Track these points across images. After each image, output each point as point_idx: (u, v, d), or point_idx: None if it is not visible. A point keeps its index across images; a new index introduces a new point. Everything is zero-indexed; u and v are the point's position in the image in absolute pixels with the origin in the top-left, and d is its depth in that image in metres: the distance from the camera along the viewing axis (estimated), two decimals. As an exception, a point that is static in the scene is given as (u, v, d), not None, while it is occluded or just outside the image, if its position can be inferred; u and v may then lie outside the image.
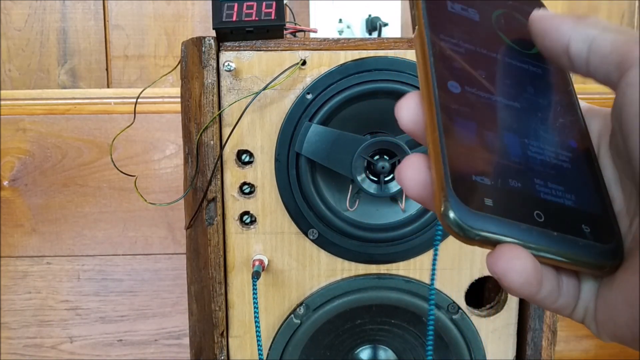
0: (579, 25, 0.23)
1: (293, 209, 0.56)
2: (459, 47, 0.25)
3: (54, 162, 0.93)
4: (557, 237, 0.21)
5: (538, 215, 0.21)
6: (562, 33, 0.23)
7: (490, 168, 0.21)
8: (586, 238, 0.21)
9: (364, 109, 0.54)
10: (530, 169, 0.22)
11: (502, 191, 0.21)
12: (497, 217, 0.20)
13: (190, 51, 0.53)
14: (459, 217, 0.20)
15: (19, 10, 0.92)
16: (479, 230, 0.20)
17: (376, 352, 0.62)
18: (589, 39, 0.22)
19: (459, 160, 0.21)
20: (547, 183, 0.22)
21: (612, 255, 0.21)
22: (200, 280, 0.57)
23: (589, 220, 0.22)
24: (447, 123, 0.21)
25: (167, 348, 0.99)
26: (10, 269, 0.96)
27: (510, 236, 0.20)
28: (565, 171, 0.23)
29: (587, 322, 0.23)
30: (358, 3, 0.77)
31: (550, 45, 0.24)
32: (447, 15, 0.26)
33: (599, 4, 0.98)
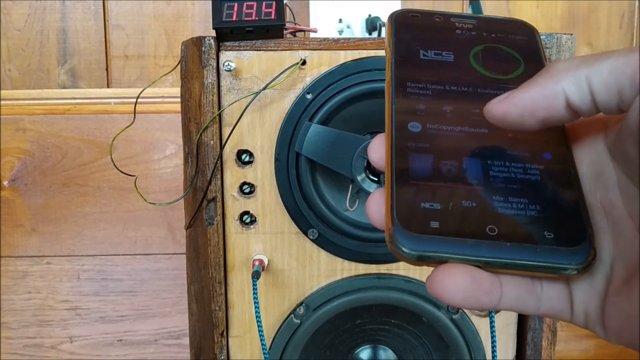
0: (561, 74, 0.22)
1: (293, 209, 0.56)
2: (426, 89, 0.26)
3: (54, 162, 0.93)
4: (509, 247, 0.21)
5: (491, 230, 0.21)
6: (552, 94, 0.22)
7: (438, 194, 0.22)
8: (547, 244, 0.21)
9: (364, 108, 0.54)
10: (489, 188, 0.23)
11: (450, 213, 0.22)
12: (443, 237, 0.21)
13: (190, 51, 0.53)
14: (401, 241, 0.21)
15: (19, 10, 0.92)
16: (422, 252, 0.21)
17: (376, 352, 0.62)
18: (584, 80, 0.21)
19: (405, 190, 0.23)
20: (507, 199, 0.23)
21: (579, 258, 0.21)
22: (200, 280, 0.57)
23: (553, 226, 0.22)
24: (400, 159, 0.24)
25: (167, 348, 0.99)
26: (10, 268, 0.96)
27: (453, 253, 0.21)
28: (530, 184, 0.23)
29: (591, 327, 0.23)
30: (358, 3, 0.77)
31: (545, 115, 0.22)
32: (417, 62, 0.28)
33: (599, 4, 0.98)
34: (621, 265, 0.22)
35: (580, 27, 0.99)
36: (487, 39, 0.29)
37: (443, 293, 0.21)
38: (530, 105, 0.22)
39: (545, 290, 0.22)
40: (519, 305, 0.22)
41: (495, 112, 0.23)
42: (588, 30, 0.99)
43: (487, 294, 0.21)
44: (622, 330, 0.21)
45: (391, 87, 0.26)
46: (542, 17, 0.98)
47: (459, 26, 0.29)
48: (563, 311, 0.23)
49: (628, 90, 0.20)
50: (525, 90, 0.22)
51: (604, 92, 0.21)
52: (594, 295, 0.22)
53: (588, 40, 0.99)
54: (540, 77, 0.22)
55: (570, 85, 0.21)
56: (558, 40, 0.53)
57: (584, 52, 0.99)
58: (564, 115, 0.22)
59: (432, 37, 0.29)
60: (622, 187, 0.22)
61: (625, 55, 0.21)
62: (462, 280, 0.21)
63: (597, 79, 0.21)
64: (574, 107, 0.22)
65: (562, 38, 0.53)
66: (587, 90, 0.21)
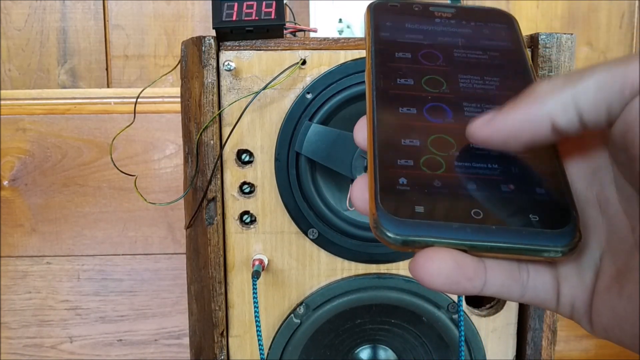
0: (547, 97, 0.21)
1: (293, 209, 0.56)
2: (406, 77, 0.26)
3: (53, 162, 0.93)
4: (495, 230, 0.21)
5: (476, 213, 0.21)
6: (537, 119, 0.21)
7: (422, 179, 0.22)
8: (532, 226, 0.21)
9: (364, 108, 0.54)
10: (472, 171, 0.23)
11: (435, 197, 0.22)
12: (427, 221, 0.21)
13: (190, 51, 0.53)
14: (385, 226, 0.21)
15: (19, 10, 0.92)
16: (406, 237, 0.21)
17: (376, 351, 0.62)
18: (571, 102, 0.21)
19: (389, 175, 0.22)
20: (490, 182, 0.23)
21: (564, 240, 0.21)
22: (200, 279, 0.57)
23: (538, 209, 0.22)
24: (382, 145, 0.23)
25: (167, 348, 0.99)
26: (10, 268, 0.96)
27: (438, 237, 0.21)
28: (513, 167, 0.23)
29: (577, 319, 0.23)
30: (358, 3, 0.77)
31: (530, 139, 0.22)
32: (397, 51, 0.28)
33: (599, 4, 0.98)
34: (611, 261, 0.22)
35: (580, 27, 0.98)
36: (467, 28, 0.29)
37: (425, 277, 0.20)
38: (515, 130, 0.22)
39: (532, 278, 0.22)
40: (503, 291, 0.22)
41: (478, 136, 0.22)
42: (588, 30, 0.99)
43: (470, 280, 0.21)
44: (611, 327, 0.21)
45: (371, 75, 0.26)
46: (542, 17, 0.98)
47: (438, 15, 0.29)
48: (548, 300, 0.23)
49: (616, 104, 0.20)
50: (509, 114, 0.22)
51: (592, 111, 0.21)
52: (582, 289, 0.22)
53: (588, 40, 0.99)
54: (525, 100, 0.22)
55: (556, 109, 0.21)
56: (558, 40, 0.53)
57: (584, 52, 0.99)
58: (549, 138, 0.22)
59: (411, 27, 0.29)
60: (619, 184, 0.22)
61: (610, 69, 0.20)
62: (444, 265, 0.20)
63: (584, 99, 0.20)
64: (560, 130, 0.21)
65: (562, 38, 0.53)
66: (574, 111, 0.21)
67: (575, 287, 0.22)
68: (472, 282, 0.21)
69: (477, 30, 0.29)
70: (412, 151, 0.23)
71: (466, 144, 0.24)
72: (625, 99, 0.20)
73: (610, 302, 0.21)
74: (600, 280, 0.22)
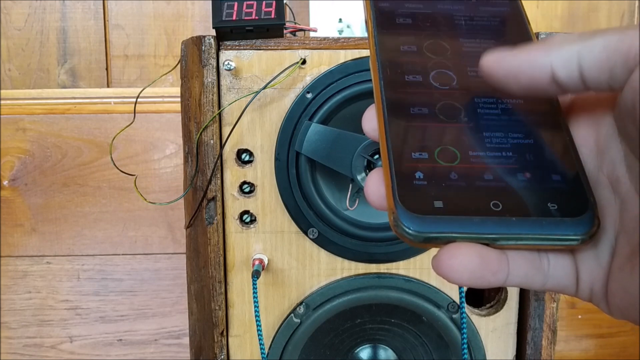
0: (553, 47, 0.21)
1: (293, 208, 0.56)
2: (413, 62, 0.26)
3: (53, 161, 0.93)
4: (516, 222, 0.21)
5: (495, 205, 0.21)
6: (538, 64, 0.22)
7: (440, 172, 0.22)
8: (552, 216, 0.21)
9: (364, 108, 0.54)
10: (488, 162, 0.23)
11: (453, 191, 0.21)
12: (448, 216, 0.21)
13: (190, 50, 0.53)
14: (406, 224, 0.21)
15: (19, 10, 0.92)
16: (428, 233, 0.21)
17: (376, 351, 0.62)
18: (575, 56, 0.21)
19: (406, 170, 0.22)
20: (507, 172, 0.22)
21: (583, 227, 0.21)
22: (200, 279, 0.57)
23: (556, 197, 0.22)
24: (397, 139, 0.23)
25: (167, 348, 0.99)
26: (10, 268, 0.96)
27: (460, 232, 0.21)
28: (529, 155, 0.23)
29: (595, 302, 0.23)
30: (358, 3, 0.77)
31: (528, 83, 0.22)
32: (401, 34, 0.27)
33: (599, 4, 0.98)
34: (625, 241, 0.22)
35: (580, 27, 0.98)
36: (469, 4, 0.28)
37: (450, 273, 0.20)
38: (515, 70, 0.22)
39: (552, 266, 0.22)
40: (526, 282, 0.22)
41: (484, 66, 0.23)
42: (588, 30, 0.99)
43: (494, 273, 0.21)
44: (625, 306, 0.21)
45: (377, 63, 0.26)
46: (542, 17, 0.98)
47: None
48: (568, 287, 0.23)
49: (620, 68, 0.20)
50: (515, 54, 0.22)
51: (594, 68, 0.21)
52: (600, 271, 0.22)
53: (588, 40, 0.99)
54: (534, 46, 0.22)
55: (558, 60, 0.21)
56: (558, 39, 0.53)
57: (584, 51, 0.99)
58: (548, 88, 0.22)
59: (412, 8, 0.28)
60: (629, 162, 0.22)
61: (621, 32, 0.20)
62: (469, 260, 0.20)
63: (588, 55, 0.21)
64: (560, 82, 0.21)
65: (562, 37, 0.53)
66: (576, 66, 0.21)
67: (594, 270, 0.22)
68: (496, 275, 0.21)
69: (479, 6, 0.28)
70: (426, 143, 0.23)
71: (482, 135, 0.23)
72: (629, 64, 0.20)
73: (622, 281, 0.21)
74: (615, 261, 0.22)
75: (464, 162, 0.22)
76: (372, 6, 0.28)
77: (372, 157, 0.52)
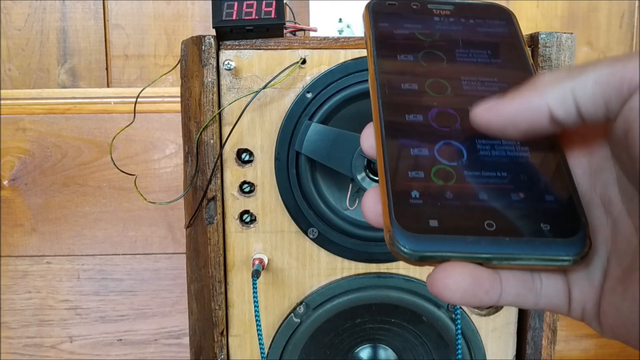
0: (547, 88, 0.22)
1: (293, 208, 0.56)
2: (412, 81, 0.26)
3: (53, 161, 0.93)
4: (509, 242, 0.21)
5: (489, 225, 0.22)
6: (535, 108, 0.22)
7: (435, 191, 0.22)
8: (545, 236, 0.21)
9: (364, 107, 0.54)
10: (482, 182, 0.23)
11: (448, 210, 0.22)
12: (443, 235, 0.21)
13: (190, 50, 0.53)
14: (402, 242, 0.21)
15: (19, 10, 0.92)
16: (423, 252, 0.21)
17: (376, 351, 0.62)
18: (569, 94, 0.21)
19: (401, 189, 0.22)
20: (501, 192, 0.23)
21: (575, 248, 0.21)
22: (200, 279, 0.57)
23: (549, 218, 0.22)
24: (393, 158, 0.23)
25: (167, 347, 0.99)
26: (10, 268, 0.96)
27: (455, 251, 0.21)
28: (523, 175, 0.23)
29: (587, 322, 0.23)
30: (358, 2, 0.77)
31: (528, 127, 0.22)
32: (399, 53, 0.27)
33: (599, 4, 0.98)
34: (617, 262, 0.22)
35: (580, 26, 0.99)
36: (466, 25, 0.29)
37: (443, 292, 0.21)
38: (513, 117, 0.22)
39: (545, 286, 0.23)
40: (518, 301, 0.22)
41: (479, 121, 0.23)
42: (588, 30, 0.99)
43: (487, 292, 0.21)
44: (617, 327, 0.21)
45: (375, 81, 0.26)
46: (542, 17, 0.98)
47: (437, 13, 0.29)
48: (560, 306, 0.23)
49: (614, 100, 0.20)
50: (509, 101, 0.22)
51: (589, 104, 0.21)
52: (592, 291, 0.22)
53: (588, 39, 0.99)
54: (525, 89, 0.22)
55: (554, 100, 0.21)
56: (558, 39, 0.53)
57: (584, 51, 0.99)
58: (547, 128, 0.22)
59: (410, 27, 0.29)
60: (621, 184, 0.22)
61: (610, 65, 0.21)
62: (462, 279, 0.21)
63: (582, 92, 0.21)
64: (558, 121, 0.22)
65: (562, 37, 0.53)
66: (572, 103, 0.21)
67: (585, 290, 0.22)
68: (489, 294, 0.21)
69: (476, 27, 0.29)
70: (422, 162, 0.23)
71: (475, 151, 0.24)
72: (623, 96, 0.20)
73: (615, 303, 0.21)
74: (607, 282, 0.22)
75: (459, 182, 0.23)
76: (372, 26, 0.29)
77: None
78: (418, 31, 0.28)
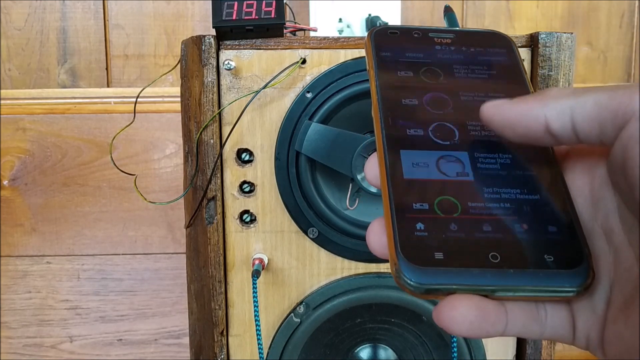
0: (549, 100, 0.23)
1: (293, 208, 0.56)
2: (415, 110, 0.27)
3: (53, 161, 0.93)
4: (513, 274, 0.21)
5: (494, 257, 0.22)
6: (534, 116, 0.23)
7: (440, 225, 0.23)
8: (548, 267, 0.22)
9: (364, 107, 0.54)
10: (487, 213, 0.23)
11: (453, 242, 0.22)
12: (448, 268, 0.21)
13: (190, 50, 0.53)
14: (408, 276, 0.21)
15: (19, 10, 0.92)
16: (429, 285, 0.21)
17: (376, 351, 0.62)
18: (568, 110, 0.22)
19: (407, 221, 0.23)
20: (505, 223, 0.23)
21: (579, 279, 0.22)
22: (200, 279, 0.57)
23: (552, 249, 0.22)
24: (397, 187, 0.24)
25: (167, 347, 0.99)
26: (10, 268, 0.96)
27: (460, 284, 0.21)
28: (526, 207, 0.24)
29: (592, 350, 0.23)
30: (358, 2, 0.77)
31: (524, 132, 0.23)
32: (403, 83, 0.28)
33: (599, 3, 0.98)
34: (619, 292, 0.22)
35: (580, 26, 0.99)
36: (467, 53, 0.29)
37: (450, 325, 0.21)
38: (512, 120, 0.23)
39: (550, 316, 0.23)
40: (524, 331, 0.23)
41: (484, 115, 0.24)
42: (588, 30, 0.99)
43: (493, 324, 0.22)
44: (620, 355, 0.22)
45: (379, 114, 0.26)
46: (542, 17, 0.98)
47: (438, 41, 0.30)
48: (565, 336, 0.23)
49: (610, 124, 0.21)
50: (514, 105, 0.23)
51: (585, 123, 0.22)
52: (595, 321, 0.23)
53: (588, 39, 0.99)
54: (531, 98, 0.23)
55: (552, 112, 0.22)
56: (558, 39, 0.53)
57: (584, 51, 0.99)
58: (543, 138, 0.23)
59: (413, 56, 0.29)
60: (622, 213, 0.23)
61: (612, 90, 0.21)
62: (468, 312, 0.21)
63: (580, 110, 0.22)
64: (554, 133, 0.22)
65: (562, 37, 0.53)
66: (569, 119, 0.22)
67: (589, 319, 0.23)
68: (495, 326, 0.22)
69: (477, 55, 0.29)
70: (427, 194, 0.24)
71: (479, 183, 0.24)
72: (618, 121, 0.21)
73: (618, 331, 0.21)
74: (610, 311, 0.22)
75: (464, 214, 0.23)
76: (374, 55, 0.29)
77: (372, 157, 0.52)
78: (421, 62, 0.29)
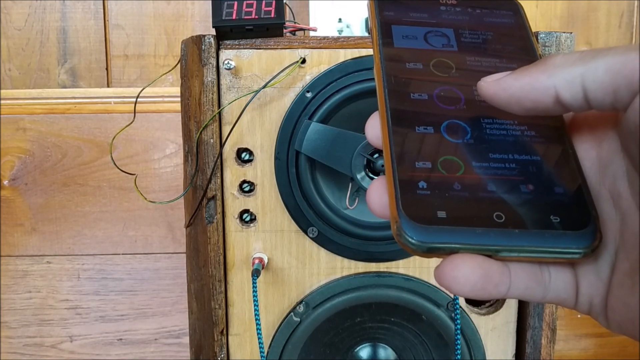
0: (556, 69, 0.21)
1: (293, 207, 0.56)
2: (417, 71, 0.26)
3: (54, 161, 0.93)
4: (518, 234, 0.21)
5: (498, 217, 0.21)
6: (542, 88, 0.22)
7: (444, 183, 0.22)
8: (554, 228, 0.21)
9: (364, 107, 0.54)
10: (491, 173, 0.23)
11: (456, 201, 0.21)
12: (451, 227, 0.21)
13: (190, 49, 0.53)
14: (409, 234, 0.21)
15: (19, 10, 0.92)
16: (431, 244, 0.21)
17: (376, 350, 0.62)
18: (578, 78, 0.21)
19: (409, 180, 0.22)
20: (510, 184, 0.22)
21: (585, 241, 0.21)
22: (200, 278, 0.57)
23: (559, 210, 0.22)
24: (399, 145, 0.23)
25: (167, 347, 0.99)
26: (11, 268, 0.96)
27: (463, 243, 0.21)
28: (532, 167, 0.23)
29: (594, 316, 0.23)
30: (358, 2, 0.77)
31: (532, 106, 0.22)
32: (405, 43, 0.27)
33: (599, 3, 0.98)
34: (625, 257, 0.22)
35: (579, 26, 0.99)
36: (472, 14, 0.28)
37: (452, 284, 0.20)
38: (518, 93, 0.22)
39: (553, 279, 0.22)
40: (527, 294, 0.22)
41: (485, 91, 0.23)
42: (587, 30, 0.99)
43: (496, 285, 0.21)
44: (624, 322, 0.21)
45: (381, 69, 0.26)
46: (542, 17, 0.98)
47: (443, 2, 0.29)
48: (568, 300, 0.23)
49: (624, 90, 0.20)
50: (517, 77, 0.22)
51: (598, 91, 0.21)
52: (599, 285, 0.22)
53: (587, 39, 0.99)
54: (535, 68, 0.22)
55: (562, 82, 0.21)
56: (557, 38, 0.53)
57: (583, 51, 0.99)
58: (552, 109, 0.22)
59: (417, 16, 0.28)
60: (630, 178, 0.22)
61: (623, 53, 0.20)
62: (471, 272, 0.20)
63: (592, 78, 0.21)
64: (564, 103, 0.22)
65: (562, 37, 0.53)
66: (580, 88, 0.21)
67: (593, 284, 0.22)
68: (498, 287, 0.21)
69: (482, 17, 0.28)
70: (430, 152, 0.23)
71: (483, 142, 0.23)
72: (633, 87, 0.20)
73: (623, 298, 0.21)
74: (615, 276, 0.22)
75: (468, 173, 0.22)
76: (377, 14, 0.28)
77: (371, 156, 0.52)
78: (425, 22, 0.28)
